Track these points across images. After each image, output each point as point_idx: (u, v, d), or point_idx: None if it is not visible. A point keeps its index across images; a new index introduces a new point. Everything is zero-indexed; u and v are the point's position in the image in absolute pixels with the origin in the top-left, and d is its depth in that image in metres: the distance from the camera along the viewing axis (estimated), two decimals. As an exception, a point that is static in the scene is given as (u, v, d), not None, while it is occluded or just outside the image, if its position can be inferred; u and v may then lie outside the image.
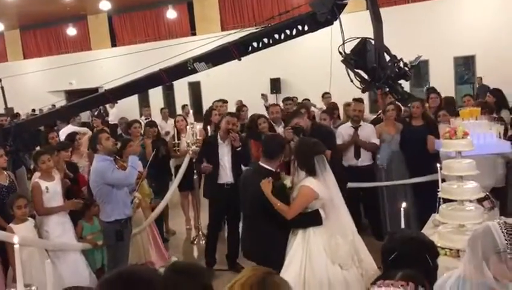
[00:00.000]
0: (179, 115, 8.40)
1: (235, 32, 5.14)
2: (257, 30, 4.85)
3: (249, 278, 1.80)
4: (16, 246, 2.15)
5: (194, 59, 4.92)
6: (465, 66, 14.45)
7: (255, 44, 4.65)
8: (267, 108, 8.45)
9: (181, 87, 16.89)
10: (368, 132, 6.64)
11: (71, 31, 19.96)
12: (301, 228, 4.05)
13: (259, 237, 4.25)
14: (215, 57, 4.90)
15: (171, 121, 11.69)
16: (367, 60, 4.19)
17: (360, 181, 6.48)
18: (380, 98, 7.51)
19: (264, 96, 11.07)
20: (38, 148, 6.14)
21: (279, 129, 6.95)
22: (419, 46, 13.18)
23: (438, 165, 4.02)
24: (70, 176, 5.82)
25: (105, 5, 15.99)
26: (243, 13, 16.76)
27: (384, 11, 4.50)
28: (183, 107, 13.68)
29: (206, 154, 6.12)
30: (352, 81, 4.22)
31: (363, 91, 4.40)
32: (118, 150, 5.89)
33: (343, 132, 6.72)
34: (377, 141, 6.58)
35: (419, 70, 14.86)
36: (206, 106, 13.43)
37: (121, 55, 11.93)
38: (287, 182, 4.18)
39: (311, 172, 4.02)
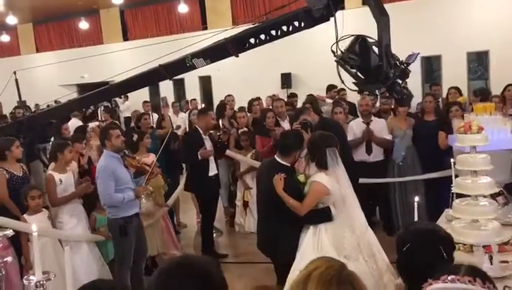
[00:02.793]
0: (192, 110, 8.48)
1: (238, 26, 5.10)
2: (254, 26, 4.81)
3: (327, 269, 1.74)
4: (35, 234, 2.17)
5: (192, 55, 4.90)
6: (478, 61, 14.30)
7: (252, 40, 4.59)
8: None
9: (191, 82, 16.91)
10: (379, 127, 6.56)
11: (83, 25, 20.03)
12: (312, 224, 4.05)
13: (271, 231, 4.25)
14: (213, 53, 4.87)
15: (182, 115, 11.77)
16: (371, 58, 4.01)
17: (372, 177, 6.43)
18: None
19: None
20: (52, 139, 6.22)
21: (284, 124, 6.96)
22: (432, 41, 13.10)
23: (452, 160, 4.00)
24: (86, 168, 5.88)
25: (117, -1, 16.08)
26: (254, 7, 16.69)
27: (396, 6, 4.42)
28: (191, 101, 13.77)
29: (193, 150, 6.11)
30: (343, 82, 4.10)
31: (361, 92, 4.29)
32: (134, 143, 5.94)
33: (355, 127, 6.65)
34: (389, 137, 6.52)
35: (431, 66, 14.75)
36: (216, 100, 13.47)
37: (132, 48, 11.97)
38: (301, 177, 4.18)
39: (323, 165, 4.01)
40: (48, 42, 21.54)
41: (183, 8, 17.57)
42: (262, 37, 4.54)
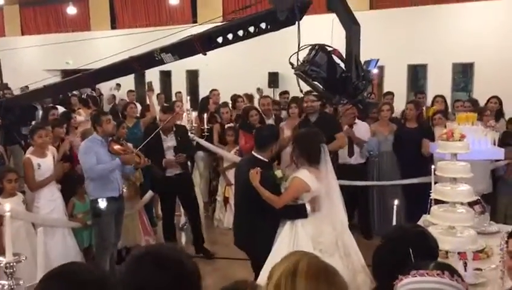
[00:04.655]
0: (176, 101, 8.42)
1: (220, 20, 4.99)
2: (222, 24, 4.70)
3: (312, 264, 1.75)
4: (8, 214, 2.12)
5: (161, 49, 4.71)
6: (463, 73, 14.47)
7: (219, 39, 4.43)
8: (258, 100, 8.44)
9: (179, 74, 16.79)
10: (362, 131, 6.63)
11: (71, 10, 19.71)
12: (287, 219, 4.05)
13: (248, 226, 4.26)
14: (180, 49, 4.68)
15: (167, 106, 11.65)
16: (336, 69, 3.76)
17: (353, 179, 6.43)
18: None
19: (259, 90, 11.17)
20: (33, 123, 6.14)
21: (270, 122, 6.98)
22: (419, 49, 13.22)
23: (433, 166, 4.03)
24: (67, 153, 5.79)
25: (107, -14, 15.86)
26: (246, 0, 16.62)
27: (386, 13, 4.31)
28: (176, 94, 13.71)
29: (150, 151, 5.84)
30: (301, 91, 3.90)
31: (324, 103, 4.05)
32: None
33: None
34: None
35: (417, 75, 14.87)
36: (202, 94, 13.39)
37: (120, 35, 11.82)
38: (278, 172, 4.19)
39: (315, 161, 4.01)
40: (34, 25, 21.18)
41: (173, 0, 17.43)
42: (230, 36, 4.37)
